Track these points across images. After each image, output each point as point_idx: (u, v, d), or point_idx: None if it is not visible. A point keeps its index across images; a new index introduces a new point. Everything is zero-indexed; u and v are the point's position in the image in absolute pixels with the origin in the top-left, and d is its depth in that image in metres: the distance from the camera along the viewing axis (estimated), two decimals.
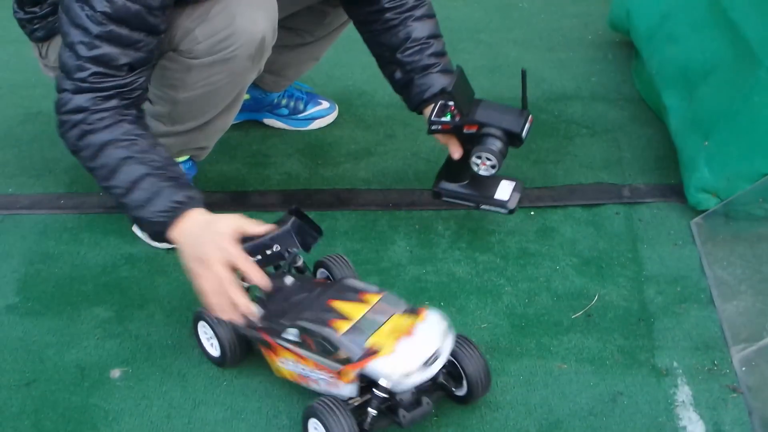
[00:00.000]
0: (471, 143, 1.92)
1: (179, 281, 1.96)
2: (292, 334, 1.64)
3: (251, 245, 1.72)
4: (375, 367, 1.56)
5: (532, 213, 2.17)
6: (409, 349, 1.58)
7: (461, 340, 1.67)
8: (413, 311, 1.65)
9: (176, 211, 1.71)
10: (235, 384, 1.77)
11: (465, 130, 1.93)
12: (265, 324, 1.69)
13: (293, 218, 1.75)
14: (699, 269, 2.01)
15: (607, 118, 2.49)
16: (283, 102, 2.43)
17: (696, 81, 2.21)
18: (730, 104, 2.07)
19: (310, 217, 1.78)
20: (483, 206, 2.02)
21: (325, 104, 2.48)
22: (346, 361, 1.58)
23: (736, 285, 1.96)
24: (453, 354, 1.65)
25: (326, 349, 1.60)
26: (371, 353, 1.57)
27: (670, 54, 2.35)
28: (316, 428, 1.58)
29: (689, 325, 1.88)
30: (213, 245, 1.67)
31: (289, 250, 1.74)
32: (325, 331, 1.60)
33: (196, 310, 1.77)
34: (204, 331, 1.78)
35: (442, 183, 2.04)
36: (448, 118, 1.94)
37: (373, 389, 1.58)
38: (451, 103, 1.95)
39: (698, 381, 1.76)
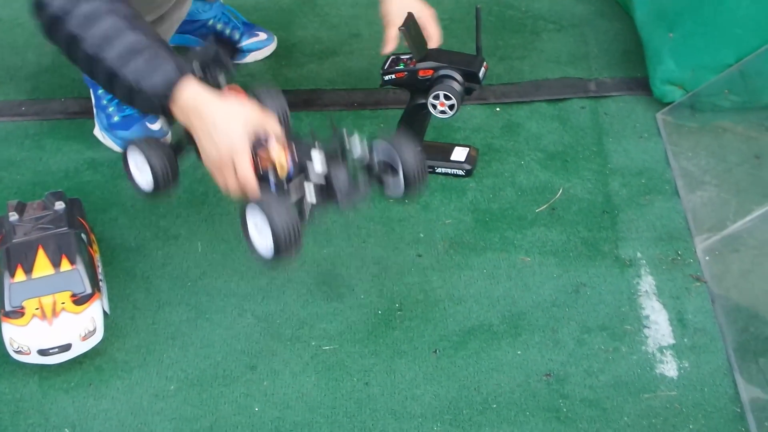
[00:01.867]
0: (426, 94, 1.89)
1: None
2: None
3: None
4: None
5: (498, 109, 2.16)
6: None
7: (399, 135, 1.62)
8: None
9: (177, 82, 1.56)
10: (198, 284, 1.77)
11: (420, 76, 1.90)
12: None
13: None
14: (664, 161, 2.01)
15: (574, 12, 2.46)
16: (219, 26, 2.32)
17: None
18: None
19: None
20: (439, 169, 2.00)
21: (263, 36, 2.37)
22: None
23: (700, 176, 1.96)
24: (391, 143, 1.60)
25: None
26: None
27: None
28: (254, 217, 1.50)
29: (653, 217, 1.88)
30: (236, 143, 1.55)
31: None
32: None
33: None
34: (134, 162, 1.67)
35: None
36: (401, 67, 1.91)
37: (308, 172, 1.54)
38: (403, 56, 1.92)
39: (662, 271, 1.77)
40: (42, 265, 1.65)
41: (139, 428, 1.55)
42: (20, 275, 1.64)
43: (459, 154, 1.99)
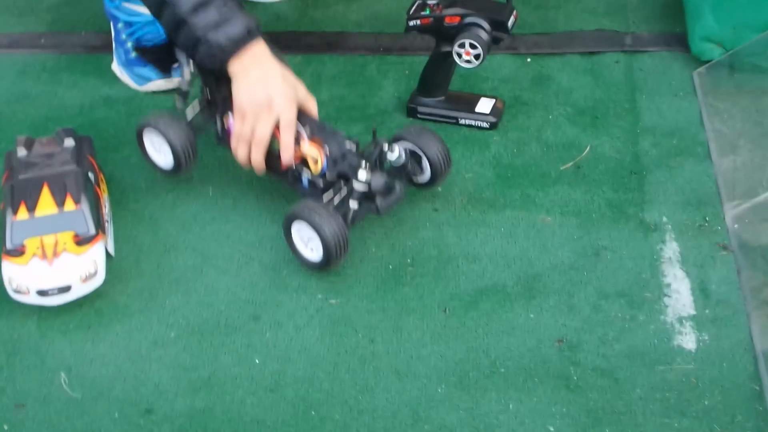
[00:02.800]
0: (452, 42, 1.82)
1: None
2: None
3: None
4: None
5: (528, 60, 2.09)
6: None
7: (420, 129, 1.73)
8: None
9: (246, 40, 1.61)
10: (207, 230, 1.73)
11: (446, 23, 1.82)
12: None
13: None
14: (698, 122, 1.93)
15: None
16: None
17: None
18: None
19: None
20: (463, 120, 1.92)
21: None
22: None
23: (735, 139, 1.88)
24: (414, 141, 1.70)
25: None
26: None
27: None
28: (300, 231, 1.59)
29: (683, 180, 1.80)
30: (280, 98, 1.62)
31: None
32: None
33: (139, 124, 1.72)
34: (151, 142, 1.73)
35: (418, 98, 1.94)
36: (427, 13, 1.84)
37: (353, 182, 1.60)
38: (430, 1, 1.84)
39: (687, 237, 1.70)
40: (46, 204, 1.61)
41: (136, 375, 1.51)
42: (23, 213, 1.60)
43: (484, 105, 1.92)
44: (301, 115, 1.65)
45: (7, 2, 2.26)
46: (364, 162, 1.60)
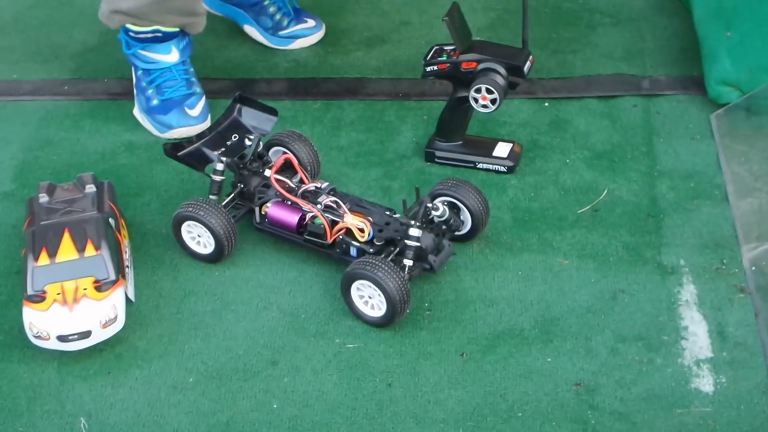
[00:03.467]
0: (468, 86, 1.84)
1: (177, 170, 1.92)
2: None
3: (208, 141, 1.79)
4: None
5: (546, 104, 2.10)
6: None
7: (457, 181, 1.75)
8: None
9: None
10: (226, 275, 1.74)
11: (462, 69, 1.84)
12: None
13: (237, 105, 1.81)
14: (715, 165, 1.93)
15: (632, 6, 2.38)
16: (271, 10, 2.27)
17: None
18: None
19: (259, 102, 1.84)
20: (481, 164, 1.94)
21: (311, 22, 2.31)
22: None
23: (752, 182, 1.88)
24: (453, 195, 1.72)
25: None
26: None
27: None
28: (360, 289, 1.61)
29: (700, 223, 1.81)
30: None
31: (248, 136, 1.78)
32: None
33: (176, 213, 1.74)
34: (189, 231, 1.74)
35: (436, 143, 1.96)
36: (444, 58, 1.86)
37: (405, 241, 1.64)
38: (447, 47, 1.87)
39: (705, 280, 1.70)
40: (66, 249, 1.62)
41: (155, 420, 1.52)
42: (44, 258, 1.61)
43: (502, 149, 1.93)
44: (338, 192, 1.72)
45: (32, 49, 2.30)
46: (413, 221, 1.63)
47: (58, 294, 1.59)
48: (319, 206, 1.70)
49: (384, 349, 1.61)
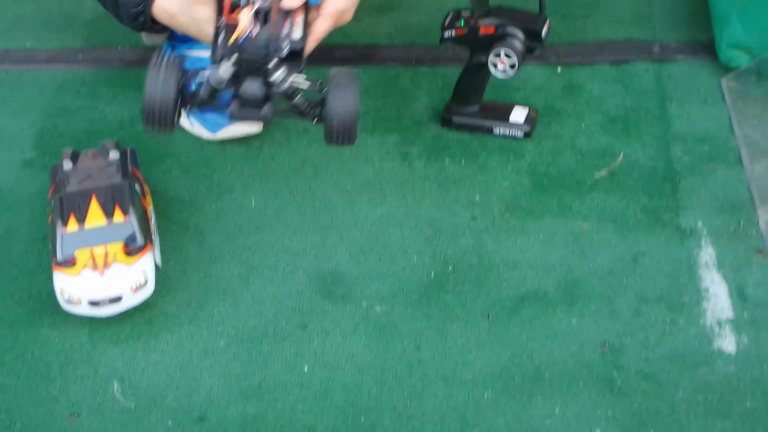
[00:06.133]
0: (486, 52, 1.85)
1: (196, 136, 1.93)
2: None
3: None
4: None
5: (559, 70, 2.11)
6: None
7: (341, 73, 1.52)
8: None
9: None
10: (251, 240, 1.76)
11: (481, 34, 1.85)
12: None
13: None
14: (728, 128, 1.96)
15: None
16: None
17: None
18: None
19: None
20: (497, 130, 1.95)
21: None
22: None
23: (765, 144, 1.91)
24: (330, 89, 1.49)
25: None
26: None
27: None
28: None
29: (716, 185, 1.83)
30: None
31: None
32: None
33: None
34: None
35: (452, 108, 1.97)
36: (461, 24, 1.87)
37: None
38: (464, 12, 1.87)
39: (723, 242, 1.73)
40: (95, 216, 1.64)
41: (188, 383, 1.55)
42: (73, 225, 1.63)
43: (518, 115, 1.95)
44: None
45: (44, 18, 2.29)
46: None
47: (89, 259, 1.61)
48: None
49: (411, 312, 1.63)
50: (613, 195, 1.82)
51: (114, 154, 1.74)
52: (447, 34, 1.89)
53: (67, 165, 1.72)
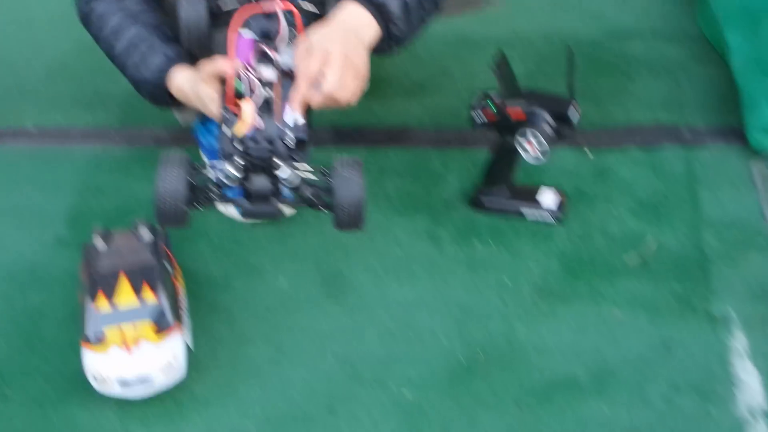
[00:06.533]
0: (515, 135, 1.87)
1: (227, 217, 1.94)
2: None
3: None
4: None
5: (589, 153, 2.12)
6: None
7: (345, 162, 1.56)
8: None
9: (168, 65, 1.78)
10: (281, 322, 1.76)
11: (513, 120, 1.87)
12: None
13: None
14: (759, 214, 1.95)
15: (668, 56, 2.42)
16: None
17: (760, 17, 2.12)
18: None
19: None
20: (528, 214, 1.96)
21: None
22: None
23: None
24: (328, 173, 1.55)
25: None
26: None
27: None
28: None
29: (747, 272, 1.83)
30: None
31: None
32: None
33: None
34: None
35: (483, 191, 1.98)
36: (492, 108, 1.88)
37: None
38: (492, 94, 1.89)
39: (755, 330, 1.72)
40: (124, 294, 1.64)
41: None
42: (102, 302, 1.63)
43: (549, 199, 1.95)
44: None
45: (78, 96, 2.33)
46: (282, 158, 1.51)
47: (117, 337, 1.61)
48: None
49: (441, 398, 1.62)
50: (644, 280, 1.81)
51: (145, 233, 1.75)
52: (480, 121, 1.90)
53: (99, 244, 1.73)
